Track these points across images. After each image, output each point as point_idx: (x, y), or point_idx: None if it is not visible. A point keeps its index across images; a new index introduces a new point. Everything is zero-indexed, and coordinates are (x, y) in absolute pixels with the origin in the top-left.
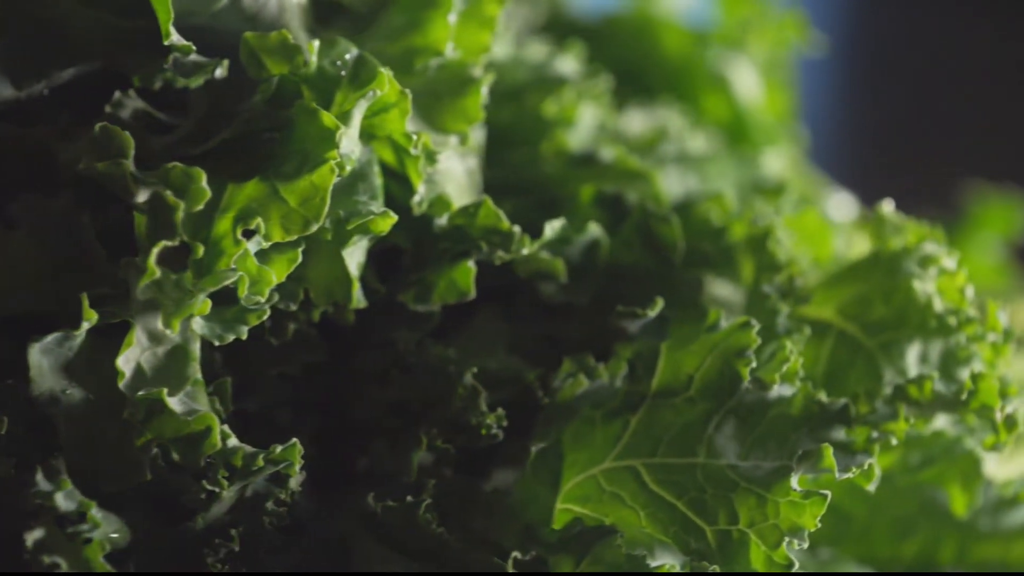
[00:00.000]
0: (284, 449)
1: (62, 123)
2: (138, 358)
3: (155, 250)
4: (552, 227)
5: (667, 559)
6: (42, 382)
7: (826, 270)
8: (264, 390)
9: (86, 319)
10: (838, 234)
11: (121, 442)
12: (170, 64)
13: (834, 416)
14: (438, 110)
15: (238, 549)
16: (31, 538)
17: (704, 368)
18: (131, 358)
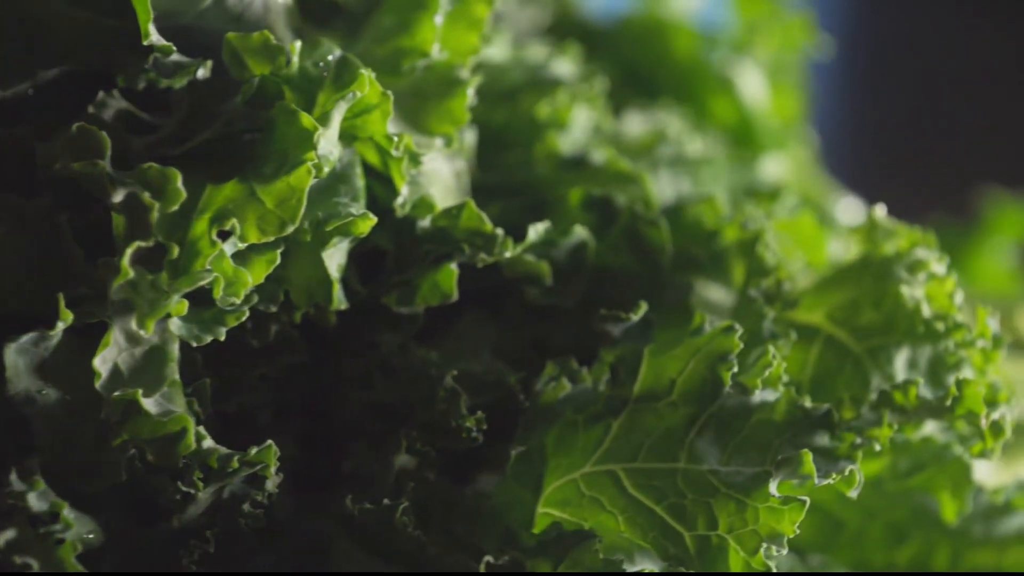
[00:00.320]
0: (260, 451)
1: (43, 123)
2: (115, 359)
3: (129, 250)
4: (536, 230)
5: (645, 564)
6: (18, 382)
7: (817, 275)
8: (246, 391)
9: (62, 319)
10: (839, 238)
11: (97, 443)
12: (151, 64)
13: (817, 422)
14: (424, 112)
15: (213, 550)
16: (3, 538)
17: (687, 373)
18: (108, 358)
